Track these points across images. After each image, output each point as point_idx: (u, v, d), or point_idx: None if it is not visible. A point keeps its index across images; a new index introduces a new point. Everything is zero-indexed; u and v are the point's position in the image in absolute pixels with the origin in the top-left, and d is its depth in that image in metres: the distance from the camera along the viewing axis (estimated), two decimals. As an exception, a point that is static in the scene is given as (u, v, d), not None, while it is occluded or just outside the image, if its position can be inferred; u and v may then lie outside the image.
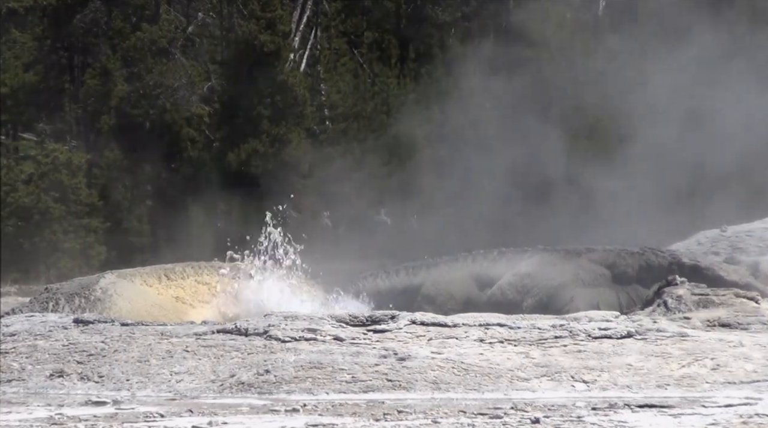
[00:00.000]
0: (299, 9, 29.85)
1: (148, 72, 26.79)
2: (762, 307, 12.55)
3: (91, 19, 28.13)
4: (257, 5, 27.11)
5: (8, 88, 27.53)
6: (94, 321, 11.92)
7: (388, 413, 8.82)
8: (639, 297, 14.63)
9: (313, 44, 29.57)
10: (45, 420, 8.72)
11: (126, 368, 10.45)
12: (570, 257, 15.76)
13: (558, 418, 8.51)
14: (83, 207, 25.84)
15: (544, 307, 14.62)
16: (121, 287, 13.98)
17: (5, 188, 25.47)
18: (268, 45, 26.57)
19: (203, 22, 29.63)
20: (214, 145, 27.18)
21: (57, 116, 29.02)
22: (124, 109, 26.79)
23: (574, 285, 15.25)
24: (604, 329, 11.09)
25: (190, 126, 27.07)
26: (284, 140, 26.49)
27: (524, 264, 15.82)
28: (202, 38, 29.37)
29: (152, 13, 28.10)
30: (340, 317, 11.28)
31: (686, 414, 8.73)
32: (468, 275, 15.96)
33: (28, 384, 10.41)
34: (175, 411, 9.04)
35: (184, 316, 13.84)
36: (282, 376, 10.04)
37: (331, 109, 28.66)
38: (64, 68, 29.17)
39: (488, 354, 10.52)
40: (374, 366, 10.18)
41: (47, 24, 28.65)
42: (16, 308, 14.03)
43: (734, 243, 17.66)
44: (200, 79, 27.63)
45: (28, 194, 25.47)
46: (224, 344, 10.74)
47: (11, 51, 28.28)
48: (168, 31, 27.54)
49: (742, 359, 10.50)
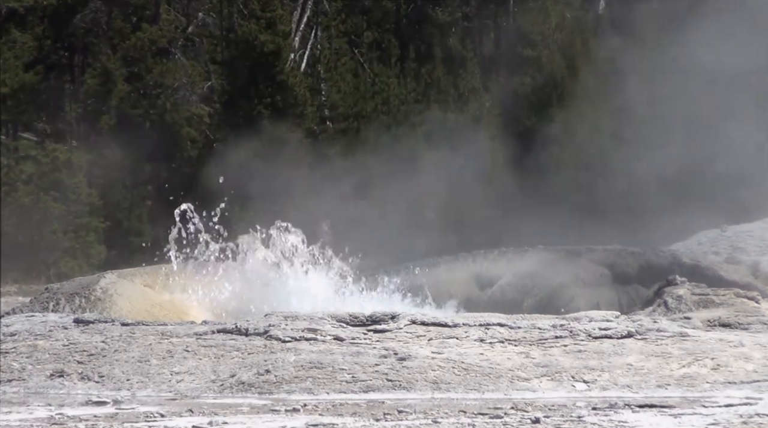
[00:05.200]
0: (299, 9, 29.88)
1: (148, 72, 26.80)
2: (762, 307, 12.56)
3: (91, 19, 28.16)
4: (257, 5, 27.12)
5: (8, 88, 27.51)
6: (95, 321, 11.92)
7: (389, 413, 8.82)
8: (639, 297, 14.64)
9: (313, 44, 29.59)
10: (45, 420, 8.72)
11: (126, 368, 10.45)
12: (570, 257, 15.79)
13: (558, 418, 8.51)
14: (83, 207, 25.83)
15: (545, 307, 14.63)
16: (121, 287, 13.98)
17: (5, 188, 25.46)
18: (268, 45, 26.59)
19: (203, 22, 29.63)
20: (214, 145, 27.18)
21: (57, 116, 29.03)
22: (124, 109, 26.80)
23: (574, 285, 15.27)
24: (605, 329, 11.09)
25: (190, 126, 27.08)
26: (284, 140, 26.49)
27: (524, 264, 15.84)
28: (202, 38, 29.38)
29: (152, 13, 28.12)
30: (340, 317, 11.29)
31: (686, 414, 8.73)
32: (468, 275, 15.97)
33: (29, 384, 10.40)
34: (176, 411, 9.04)
35: (184, 316, 13.84)
36: (282, 376, 10.04)
37: (331, 109, 28.66)
38: (64, 68, 29.19)
39: (488, 354, 10.52)
40: (374, 366, 10.18)
41: (47, 24, 28.67)
42: (16, 308, 14.02)
43: (734, 243, 17.67)
44: (200, 79, 27.65)
45: (28, 194, 25.46)
46: (224, 344, 10.74)
47: (11, 51, 28.26)
48: (168, 31, 27.55)
49: (742, 359, 10.50)
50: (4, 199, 25.24)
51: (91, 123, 27.94)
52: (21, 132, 30.00)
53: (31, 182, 25.89)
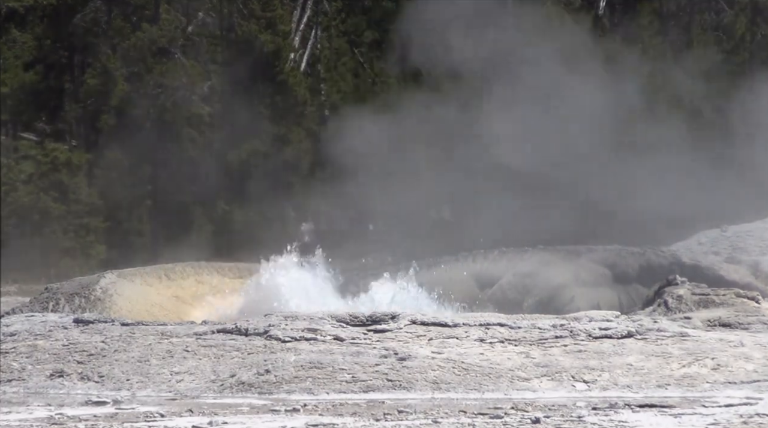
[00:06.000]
0: (299, 9, 29.85)
1: (148, 72, 26.78)
2: (762, 307, 12.56)
3: (91, 19, 28.10)
4: (257, 5, 27.11)
5: (8, 88, 27.49)
6: (94, 320, 11.92)
7: (389, 413, 8.81)
8: (639, 296, 14.64)
9: (313, 44, 29.56)
10: (45, 420, 8.72)
11: (126, 368, 10.45)
12: (570, 257, 15.78)
13: (558, 418, 8.51)
14: (83, 207, 25.82)
15: (545, 307, 14.63)
16: (121, 287, 13.99)
17: (5, 188, 25.44)
18: (268, 45, 26.57)
19: (203, 22, 29.57)
20: (214, 145, 27.17)
21: (57, 116, 28.99)
22: (124, 109, 26.78)
23: (574, 285, 15.27)
24: (605, 329, 11.09)
25: (190, 126, 27.06)
26: (284, 140, 26.48)
27: (524, 264, 15.83)
28: (202, 38, 29.33)
29: (152, 13, 28.08)
30: (340, 317, 11.29)
31: (687, 413, 8.73)
32: (468, 275, 15.97)
33: (28, 384, 10.40)
34: (176, 411, 9.04)
35: (184, 316, 13.84)
36: (282, 376, 10.04)
37: (331, 109, 28.65)
38: (64, 68, 29.13)
39: (489, 354, 10.52)
40: (374, 366, 10.17)
41: (47, 24, 28.62)
42: (16, 308, 14.02)
43: (734, 243, 17.65)
44: (200, 79, 27.61)
45: (28, 194, 25.45)
46: (224, 344, 10.74)
47: (11, 51, 28.23)
48: (168, 31, 27.52)
49: (742, 359, 10.50)
50: (4, 199, 25.22)
51: (91, 123, 27.92)
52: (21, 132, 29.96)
53: (31, 182, 25.88)
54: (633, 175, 21.05)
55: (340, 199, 23.65)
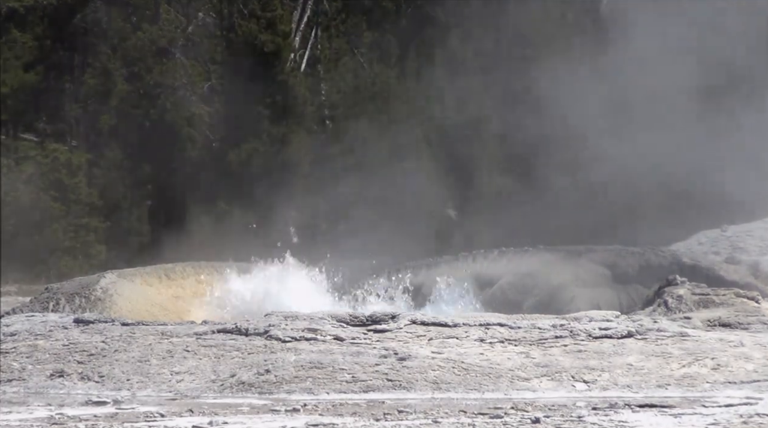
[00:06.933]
0: (299, 9, 29.84)
1: (148, 72, 26.79)
2: (762, 307, 12.56)
3: (91, 19, 28.12)
4: (257, 5, 27.09)
5: (8, 88, 27.50)
6: (95, 320, 11.93)
7: (389, 413, 8.82)
8: (639, 296, 14.64)
9: (313, 44, 29.56)
10: (45, 419, 8.72)
11: (126, 368, 10.45)
12: (570, 257, 15.79)
13: (558, 418, 8.51)
14: (83, 207, 25.82)
15: (545, 307, 14.63)
16: (121, 287, 14.00)
17: (5, 188, 25.45)
18: (268, 45, 26.57)
19: (203, 22, 29.58)
20: (214, 145, 27.17)
21: (57, 116, 28.98)
22: (124, 109, 26.79)
23: (574, 285, 15.27)
24: (605, 329, 11.09)
25: (190, 126, 27.06)
26: (284, 140, 26.48)
27: (524, 264, 15.84)
28: (202, 38, 29.33)
29: (152, 13, 28.09)
30: (340, 317, 11.29)
31: (687, 413, 8.73)
32: (469, 275, 15.97)
33: (29, 383, 10.41)
34: (176, 410, 9.04)
35: (184, 316, 13.85)
36: (282, 376, 10.04)
37: (331, 109, 28.64)
38: (64, 68, 29.14)
39: (489, 354, 10.52)
40: (374, 366, 10.18)
41: (47, 24, 28.62)
42: (16, 308, 14.03)
43: (734, 243, 17.66)
44: (200, 79, 27.62)
45: (28, 194, 25.46)
46: (224, 344, 10.74)
47: (11, 51, 28.23)
48: (168, 31, 27.53)
49: (742, 359, 10.50)
50: (4, 199, 25.23)
51: (91, 123, 27.92)
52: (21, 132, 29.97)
53: (31, 182, 25.88)
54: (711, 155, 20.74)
55: (339, 198, 23.69)
